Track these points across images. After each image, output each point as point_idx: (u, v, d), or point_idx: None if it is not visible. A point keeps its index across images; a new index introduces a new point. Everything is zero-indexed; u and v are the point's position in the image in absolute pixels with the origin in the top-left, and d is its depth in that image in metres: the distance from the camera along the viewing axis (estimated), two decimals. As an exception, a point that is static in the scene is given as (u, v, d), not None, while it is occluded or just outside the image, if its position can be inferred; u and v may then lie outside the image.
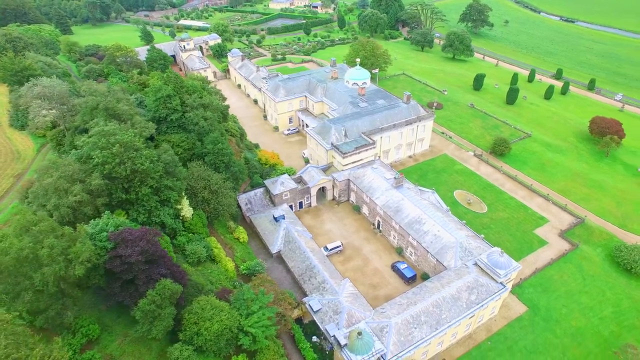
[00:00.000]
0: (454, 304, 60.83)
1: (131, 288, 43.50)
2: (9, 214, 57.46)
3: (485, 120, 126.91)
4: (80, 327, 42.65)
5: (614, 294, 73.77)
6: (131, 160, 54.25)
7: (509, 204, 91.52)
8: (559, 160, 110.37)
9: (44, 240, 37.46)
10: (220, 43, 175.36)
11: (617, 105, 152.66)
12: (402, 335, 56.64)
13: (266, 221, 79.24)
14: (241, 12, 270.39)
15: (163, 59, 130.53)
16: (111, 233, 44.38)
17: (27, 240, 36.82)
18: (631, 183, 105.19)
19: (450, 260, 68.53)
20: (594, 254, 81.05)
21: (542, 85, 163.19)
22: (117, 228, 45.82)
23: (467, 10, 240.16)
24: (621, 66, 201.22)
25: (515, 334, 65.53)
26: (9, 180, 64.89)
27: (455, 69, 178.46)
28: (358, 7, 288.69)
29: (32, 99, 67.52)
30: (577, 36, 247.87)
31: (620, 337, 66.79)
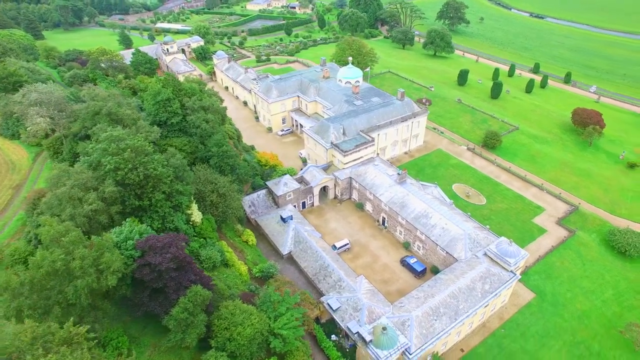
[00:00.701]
0: (469, 294, 62.09)
1: (160, 297, 42.31)
2: (15, 227, 54.85)
3: (473, 115, 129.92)
4: (110, 341, 41.18)
5: (612, 277, 77.00)
6: (143, 165, 52.86)
7: (506, 195, 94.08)
8: (547, 151, 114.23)
9: (74, 251, 35.95)
10: (203, 45, 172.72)
11: (593, 97, 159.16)
12: (424, 328, 57.40)
13: (273, 222, 78.66)
14: (219, 14, 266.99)
15: (149, 63, 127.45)
16: (138, 241, 43.07)
17: (58, 252, 35.26)
18: (615, 170, 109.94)
19: (461, 252, 69.87)
20: (590, 240, 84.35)
21: (523, 80, 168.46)
22: (141, 236, 44.51)
23: (443, 8, 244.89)
24: (591, 60, 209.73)
25: (526, 320, 67.47)
26: (7, 192, 61.92)
27: (438, 66, 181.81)
28: (336, 6, 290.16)
29: (28, 106, 64.61)
30: (549, 32, 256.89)
31: (622, 317, 69.75)
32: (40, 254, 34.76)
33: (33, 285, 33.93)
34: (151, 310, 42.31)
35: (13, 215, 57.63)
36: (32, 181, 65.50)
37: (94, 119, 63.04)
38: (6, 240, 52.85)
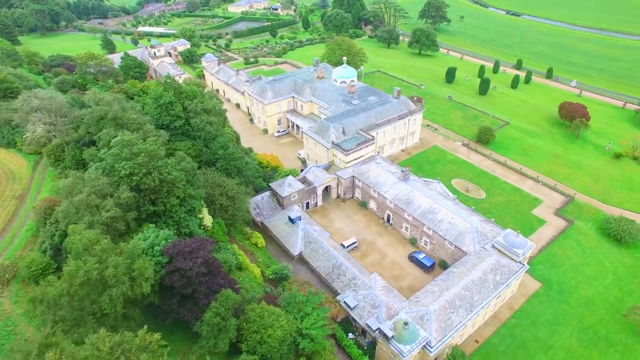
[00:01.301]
0: (482, 286, 63.30)
1: (189, 303, 41.55)
2: (25, 238, 52.93)
3: (464, 111, 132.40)
4: (141, 349, 40.16)
5: (610, 263, 79.73)
6: (157, 169, 51.98)
7: (504, 189, 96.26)
8: (538, 144, 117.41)
9: (106, 259, 35.02)
10: (190, 48, 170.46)
11: (575, 91, 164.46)
12: (442, 321, 58.22)
13: (281, 224, 78.35)
14: (201, 16, 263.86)
15: (139, 67, 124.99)
16: (166, 247, 42.23)
17: (92, 261, 34.27)
18: (603, 161, 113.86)
19: (469, 245, 71.13)
20: (587, 228, 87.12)
21: (507, 76, 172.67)
22: (167, 241, 43.70)
23: (425, 7, 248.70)
24: (569, 55, 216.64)
25: (535, 309, 69.19)
26: (11, 203, 59.72)
27: (424, 64, 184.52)
28: (318, 7, 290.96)
29: (29, 112, 62.48)
30: (527, 29, 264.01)
31: (624, 301, 72.32)
32: (74, 263, 33.71)
33: (69, 296, 32.88)
34: (181, 317, 41.53)
35: (21, 226, 55.63)
36: (36, 190, 63.37)
37: (98, 124, 61.53)
38: (18, 252, 50.99)
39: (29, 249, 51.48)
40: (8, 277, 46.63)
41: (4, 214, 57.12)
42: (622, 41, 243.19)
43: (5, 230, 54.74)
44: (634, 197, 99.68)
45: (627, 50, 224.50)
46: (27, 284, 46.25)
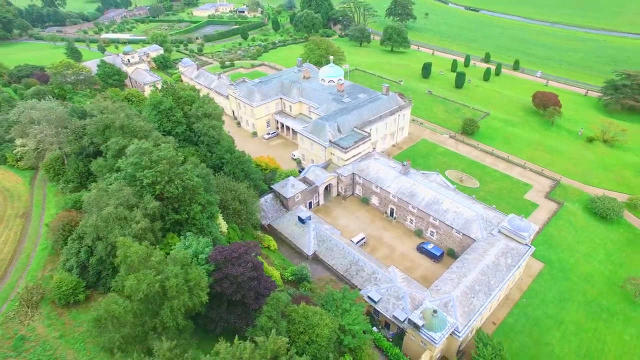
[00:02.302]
0: (496, 270, 65.93)
1: (238, 309, 40.78)
2: (41, 257, 49.93)
3: (445, 105, 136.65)
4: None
5: (600, 240, 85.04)
6: (179, 176, 50.73)
7: (495, 177, 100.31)
8: (518, 133, 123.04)
9: (164, 270, 33.87)
10: (164, 54, 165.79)
11: (542, 81, 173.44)
12: (465, 306, 60.18)
13: (291, 225, 78.09)
14: (167, 21, 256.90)
15: (117, 74, 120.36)
16: (211, 254, 41.22)
17: (151, 274, 33.00)
18: (577, 146, 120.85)
19: (477, 232, 73.75)
20: (575, 209, 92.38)
21: (479, 69, 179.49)
22: (208, 248, 42.69)
23: (392, 5, 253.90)
24: (530, 48, 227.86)
25: (542, 288, 72.77)
26: (17, 222, 56.16)
27: (398, 61, 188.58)
28: (285, 8, 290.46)
29: (27, 125, 58.94)
30: (488, 24, 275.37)
31: (617, 273, 77.40)
32: (134, 277, 32.35)
33: (134, 312, 31.58)
34: (231, 324, 40.68)
35: (34, 246, 52.49)
36: (39, 207, 59.94)
37: (104, 133, 59.06)
38: (39, 273, 48.14)
39: (50, 269, 48.75)
40: (36, 300, 43.98)
41: (12, 234, 53.70)
42: (575, 33, 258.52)
43: (17, 251, 51.51)
44: (610, 176, 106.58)
45: (581, 42, 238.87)
46: (56, 306, 43.83)
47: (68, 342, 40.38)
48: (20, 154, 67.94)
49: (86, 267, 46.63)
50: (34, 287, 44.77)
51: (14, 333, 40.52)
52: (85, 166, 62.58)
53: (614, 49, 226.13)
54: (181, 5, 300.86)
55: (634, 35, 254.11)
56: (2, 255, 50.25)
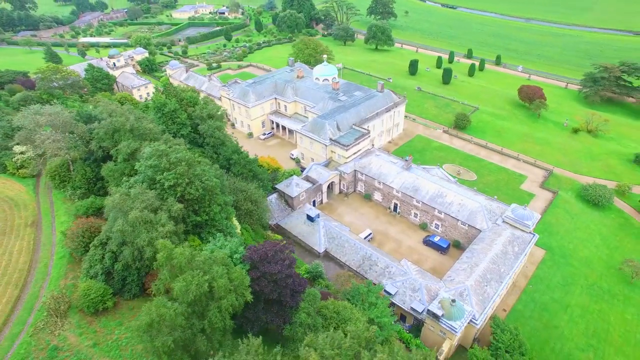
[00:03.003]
0: (505, 258, 67.87)
1: (274, 307, 40.71)
2: (60, 266, 48.46)
3: (435, 100, 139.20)
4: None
5: (595, 226, 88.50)
6: (198, 178, 50.31)
7: (491, 169, 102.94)
8: (507, 126, 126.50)
9: (209, 271, 33.58)
10: (149, 57, 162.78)
11: (524, 75, 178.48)
12: (479, 295, 61.78)
13: (300, 223, 78.21)
14: (146, 24, 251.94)
15: (106, 78, 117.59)
16: (247, 253, 41.02)
17: (199, 275, 32.62)
18: (564, 137, 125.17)
19: (482, 223, 75.64)
20: (569, 197, 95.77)
21: (463, 65, 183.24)
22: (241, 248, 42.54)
23: (373, 4, 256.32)
24: (510, 43, 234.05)
25: (546, 274, 75.26)
26: (27, 231, 54.28)
27: (384, 59, 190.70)
28: (265, 9, 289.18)
29: (33, 130, 57.04)
30: (467, 21, 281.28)
31: (613, 257, 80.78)
32: (183, 279, 31.92)
33: (184, 315, 31.21)
34: (269, 323, 40.57)
35: (50, 255, 50.90)
36: (48, 215, 58.15)
37: (113, 137, 57.85)
38: (61, 282, 46.78)
39: (71, 277, 47.46)
40: (64, 309, 42.76)
41: (25, 244, 51.95)
42: (550, 29, 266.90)
43: (34, 261, 49.87)
44: (597, 165, 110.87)
45: (556, 37, 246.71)
46: (85, 314, 42.75)
47: (102, 350, 39.51)
48: (20, 161, 65.71)
49: (111, 274, 45.67)
50: (59, 296, 43.53)
51: (47, 344, 39.36)
52: (93, 171, 61.05)
53: (587, 43, 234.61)
54: (159, 7, 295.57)
55: (602, 30, 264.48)
56: (19, 265, 48.61)
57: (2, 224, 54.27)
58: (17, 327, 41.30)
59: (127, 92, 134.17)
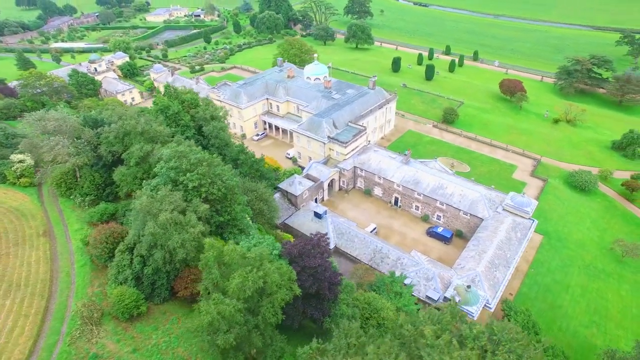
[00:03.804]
0: (509, 244, 70.69)
1: (313, 300, 41.15)
2: (84, 274, 47.19)
3: (421, 96, 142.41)
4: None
5: (584, 210, 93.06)
6: (219, 177, 50.30)
7: (483, 161, 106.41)
8: (492, 118, 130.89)
9: (261, 267, 33.80)
10: (130, 61, 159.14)
11: (501, 70, 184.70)
12: (490, 280, 64.17)
13: (307, 221, 78.74)
14: (121, 28, 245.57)
15: (92, 84, 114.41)
16: (285, 248, 41.33)
17: (253, 270, 32.76)
18: (546, 127, 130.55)
19: (483, 212, 78.32)
20: (557, 184, 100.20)
21: (443, 62, 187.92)
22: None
23: (349, 4, 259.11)
24: (484, 39, 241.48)
25: (545, 257, 78.63)
26: (41, 241, 52.52)
27: (366, 57, 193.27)
28: (241, 11, 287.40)
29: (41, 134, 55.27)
30: (441, 19, 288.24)
31: (603, 238, 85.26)
32: (239, 275, 32.00)
33: (242, 311, 31.40)
34: (310, 317, 41.01)
35: (70, 263, 49.46)
36: (58, 224, 56.45)
37: (123, 140, 56.84)
38: (88, 289, 45.66)
39: (97, 285, 46.39)
40: (97, 317, 41.80)
41: (41, 254, 50.30)
42: (520, 25, 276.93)
43: (54, 270, 48.39)
44: (579, 153, 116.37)
45: (526, 33, 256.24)
46: (119, 320, 41.96)
47: (143, 355, 39.00)
48: (20, 170, 63.30)
49: (140, 279, 44.96)
50: (90, 304, 42.51)
51: (86, 352, 38.44)
52: (102, 177, 59.70)
53: (555, 38, 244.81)
54: (132, 11, 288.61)
55: (568, 26, 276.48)
56: (40, 275, 47.00)
57: (13, 235, 52.36)
58: (52, 337, 40.17)
59: (111, 97, 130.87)
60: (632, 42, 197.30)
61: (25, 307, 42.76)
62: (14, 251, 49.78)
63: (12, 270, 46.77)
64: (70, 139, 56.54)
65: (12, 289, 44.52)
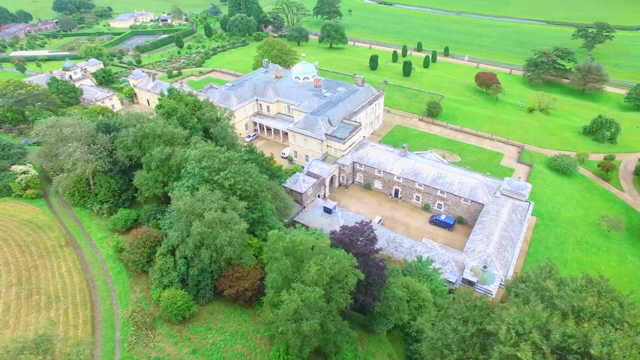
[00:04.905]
0: (512, 225, 74.85)
1: (361, 287, 42.36)
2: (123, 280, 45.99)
3: (403, 92, 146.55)
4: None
5: (568, 190, 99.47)
6: (249, 175, 50.80)
7: (472, 150, 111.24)
8: (472, 110, 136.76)
9: (330, 254, 34.80)
10: (105, 68, 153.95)
11: (473, 64, 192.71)
12: (500, 260, 67.86)
13: (317, 217, 79.86)
14: (85, 34, 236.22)
15: (73, 91, 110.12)
16: (336, 236, 42.29)
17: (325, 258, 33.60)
18: (522, 116, 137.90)
19: (483, 197, 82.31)
20: (541, 168, 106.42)
21: (417, 58, 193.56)
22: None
23: (319, 4, 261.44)
24: (451, 36, 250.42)
25: (542, 236, 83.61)
26: (65, 252, 50.62)
27: (343, 56, 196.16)
28: (209, 14, 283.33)
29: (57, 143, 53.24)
30: (407, 17, 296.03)
31: (589, 215, 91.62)
32: (315, 262, 32.78)
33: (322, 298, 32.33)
34: (361, 303, 42.18)
35: (104, 271, 47.93)
36: (79, 233, 54.58)
37: (140, 144, 55.94)
38: (130, 295, 44.67)
39: (139, 290, 45.53)
40: (149, 321, 41.11)
41: (70, 264, 48.54)
42: (482, 21, 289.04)
43: (89, 280, 46.90)
44: (555, 139, 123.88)
45: (489, 28, 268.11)
46: (172, 323, 41.54)
47: (204, 355, 38.94)
48: (25, 181, 60.51)
49: (184, 280, 44.56)
50: (140, 309, 41.75)
51: (147, 356, 37.87)
52: (118, 183, 58.29)
53: (516, 33, 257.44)
54: (94, 17, 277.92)
55: (526, 21, 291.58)
56: (76, 285, 45.34)
57: (35, 248, 50.17)
58: (109, 345, 39.20)
59: (88, 105, 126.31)
60: (586, 35, 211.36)
61: (71, 317, 41.42)
62: (42, 263, 47.82)
63: (46, 282, 45.03)
64: (85, 145, 54.83)
65: (52, 300, 42.96)
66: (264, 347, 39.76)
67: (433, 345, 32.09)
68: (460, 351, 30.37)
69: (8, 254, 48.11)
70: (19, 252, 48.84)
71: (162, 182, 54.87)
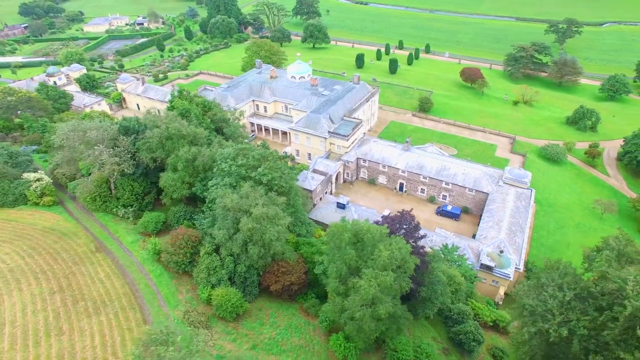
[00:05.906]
0: (518, 211, 78.16)
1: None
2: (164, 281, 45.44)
3: (393, 89, 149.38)
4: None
5: (561, 177, 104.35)
6: (280, 170, 51.50)
7: (467, 143, 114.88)
8: (461, 104, 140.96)
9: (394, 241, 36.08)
10: (88, 73, 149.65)
11: (454, 60, 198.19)
12: (512, 245, 70.84)
13: (330, 212, 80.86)
14: (59, 40, 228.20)
15: (63, 97, 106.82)
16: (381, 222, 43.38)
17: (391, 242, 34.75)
18: (508, 109, 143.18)
19: (487, 187, 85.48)
20: (534, 157, 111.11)
21: (401, 56, 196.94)
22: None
23: (297, 5, 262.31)
24: (429, 33, 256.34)
25: (543, 222, 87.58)
26: (98, 257, 49.55)
27: (327, 56, 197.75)
28: (187, 17, 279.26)
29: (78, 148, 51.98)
30: (384, 16, 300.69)
31: (582, 200, 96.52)
32: (384, 247, 33.91)
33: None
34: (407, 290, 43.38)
35: (143, 275, 47.19)
36: (107, 238, 53.51)
37: (164, 145, 55.51)
38: (178, 296, 44.57)
39: (185, 291, 45.32)
40: (204, 320, 40.97)
41: (108, 269, 47.57)
42: (457, 18, 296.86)
43: (130, 283, 46.02)
44: (542, 130, 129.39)
45: (465, 25, 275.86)
46: (226, 321, 41.60)
47: (264, 349, 39.30)
48: (40, 189, 58.65)
49: (231, 278, 44.60)
50: (192, 309, 41.54)
51: (209, 355, 37.71)
52: (141, 186, 57.47)
53: (491, 29, 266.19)
54: (65, 21, 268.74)
55: (499, 18, 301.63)
56: (118, 289, 44.39)
57: (67, 255, 48.79)
58: None
59: (77, 111, 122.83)
60: (557, 31, 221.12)
61: (122, 320, 40.76)
62: (78, 270, 46.59)
63: (87, 288, 43.97)
64: (108, 148, 53.79)
65: (98, 305, 42.01)
66: (319, 338, 40.49)
67: (533, 311, 35.03)
68: (561, 315, 33.57)
69: (42, 262, 46.79)
70: (52, 260, 47.52)
71: (189, 182, 54.61)
